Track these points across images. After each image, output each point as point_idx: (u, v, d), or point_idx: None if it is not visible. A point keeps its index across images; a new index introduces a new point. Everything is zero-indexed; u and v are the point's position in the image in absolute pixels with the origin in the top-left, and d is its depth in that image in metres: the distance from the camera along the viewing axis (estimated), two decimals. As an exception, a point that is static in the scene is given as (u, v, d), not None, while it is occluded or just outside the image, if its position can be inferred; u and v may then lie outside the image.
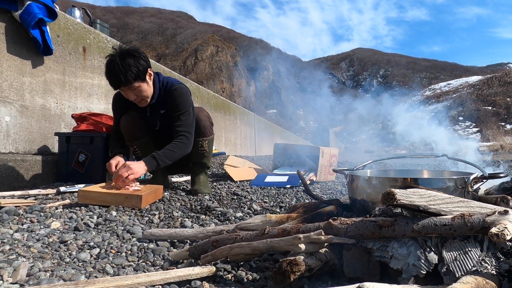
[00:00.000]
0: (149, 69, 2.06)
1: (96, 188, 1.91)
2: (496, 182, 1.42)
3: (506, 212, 0.88)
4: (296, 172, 2.84)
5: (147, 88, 2.08)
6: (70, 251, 1.25)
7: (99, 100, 3.37)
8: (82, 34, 3.16)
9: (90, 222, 1.56)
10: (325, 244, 1.01)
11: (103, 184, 2.01)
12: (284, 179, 2.95)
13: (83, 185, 2.23)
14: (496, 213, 0.89)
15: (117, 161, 2.00)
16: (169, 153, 2.06)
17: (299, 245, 0.95)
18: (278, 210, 2.10)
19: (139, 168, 1.94)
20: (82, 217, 1.63)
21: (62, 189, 2.13)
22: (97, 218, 1.64)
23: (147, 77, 2.06)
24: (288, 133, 16.70)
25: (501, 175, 1.14)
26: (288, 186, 2.81)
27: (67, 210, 1.75)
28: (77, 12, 3.84)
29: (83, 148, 2.54)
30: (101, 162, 2.50)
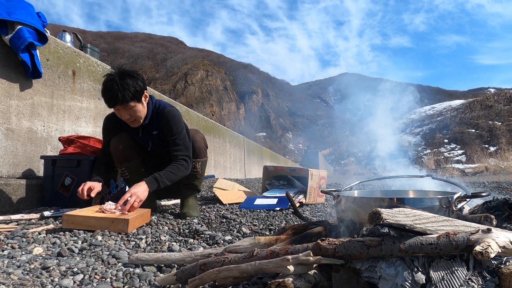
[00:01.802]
0: (145, 91, 2.10)
1: (81, 212, 1.87)
2: (480, 201, 1.44)
3: (489, 231, 0.90)
4: (285, 195, 2.84)
5: (142, 109, 2.10)
6: (52, 278, 1.21)
7: (87, 123, 3.35)
8: (72, 58, 3.18)
9: (74, 247, 1.52)
10: (314, 265, 1.00)
11: (89, 208, 1.97)
12: (274, 201, 2.94)
13: (69, 209, 2.18)
14: (480, 231, 0.90)
15: (87, 186, 2.00)
16: (170, 175, 2.08)
17: (288, 266, 0.94)
18: (268, 233, 2.08)
19: (142, 191, 1.95)
20: (66, 242, 1.59)
21: (46, 213, 2.08)
22: (82, 243, 1.60)
23: (143, 98, 2.10)
24: (278, 156, 16.76)
25: (483, 194, 1.17)
26: (278, 208, 2.80)
27: (50, 235, 1.70)
28: (68, 37, 3.88)
29: (69, 171, 2.50)
30: (87, 186, 2.45)
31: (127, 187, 2.36)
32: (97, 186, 2.04)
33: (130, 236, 1.77)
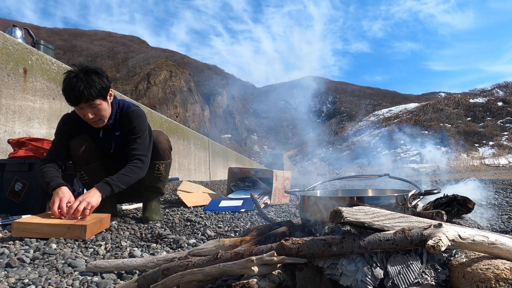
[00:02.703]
0: (110, 89, 2.01)
1: (33, 219, 1.75)
2: (432, 198, 1.54)
3: (440, 225, 0.95)
4: (250, 196, 2.85)
5: (107, 107, 2.01)
6: (-1, 291, 1.12)
7: (40, 124, 3.15)
8: (23, 54, 2.98)
9: (25, 257, 1.42)
10: (278, 265, 1.01)
11: (42, 214, 1.85)
12: (239, 203, 2.94)
13: (19, 216, 2.03)
14: (432, 226, 0.96)
15: (66, 197, 1.78)
16: (123, 177, 1.94)
17: (252, 267, 0.95)
18: (233, 235, 2.07)
19: (95, 198, 1.80)
20: (16, 251, 1.48)
21: (-7, 221, 1.93)
22: (34, 252, 1.50)
23: (108, 97, 2.01)
24: (243, 158, 16.79)
25: (435, 191, 1.24)
26: (243, 210, 2.80)
27: (-2, 245, 1.57)
28: (19, 32, 3.64)
29: (20, 176, 2.33)
30: (40, 191, 2.30)
31: (85, 191, 2.24)
32: (72, 198, 1.82)
33: (88, 243, 1.69)
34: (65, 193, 1.80)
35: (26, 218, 1.78)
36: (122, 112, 2.13)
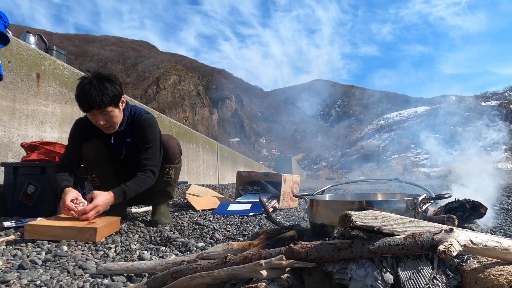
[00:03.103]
0: (122, 96, 2.04)
1: (45, 221, 1.78)
2: (443, 203, 1.52)
3: (451, 230, 0.94)
4: (258, 200, 2.84)
5: (118, 114, 2.04)
6: (12, 292, 1.14)
7: (52, 128, 3.21)
8: (36, 60, 3.05)
9: (37, 259, 1.44)
10: (287, 269, 1.01)
11: (54, 217, 1.88)
12: (247, 207, 2.93)
13: (31, 219, 2.06)
14: (443, 231, 0.95)
15: (72, 195, 1.86)
16: (137, 187, 2.03)
17: (261, 271, 0.94)
18: (241, 239, 2.07)
19: (105, 204, 1.89)
20: (28, 253, 1.50)
21: (7, 224, 1.96)
22: (46, 254, 1.52)
23: (120, 104, 2.04)
24: (251, 161, 16.79)
25: (446, 195, 1.22)
26: (251, 214, 2.80)
27: (11, 247, 1.60)
28: (32, 38, 3.72)
29: (32, 179, 2.38)
30: (52, 194, 2.34)
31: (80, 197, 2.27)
32: (79, 195, 1.91)
33: (98, 245, 1.71)
34: (71, 191, 1.89)
35: (38, 220, 1.81)
36: (134, 119, 2.15)
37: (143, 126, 2.12)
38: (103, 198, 1.88)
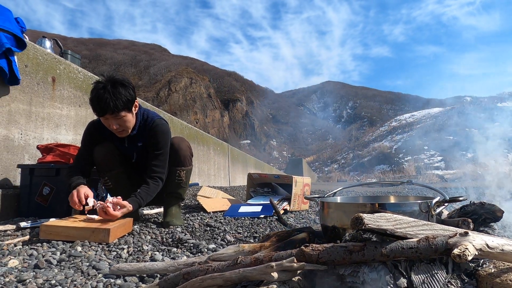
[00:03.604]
0: (136, 100, 2.06)
1: (60, 222, 1.81)
2: (458, 205, 1.49)
3: (466, 234, 0.92)
4: (269, 202, 2.84)
5: (131, 118, 2.07)
6: (28, 291, 1.16)
7: (67, 131, 3.28)
8: (52, 64, 3.12)
9: (52, 259, 1.47)
10: (298, 271, 1.00)
11: (69, 218, 1.92)
12: (258, 209, 2.93)
13: (47, 219, 2.11)
14: (458, 234, 0.93)
15: (84, 191, 1.91)
16: (147, 196, 2.08)
17: (272, 273, 0.94)
18: (252, 241, 2.07)
19: (122, 212, 1.93)
20: (44, 253, 1.54)
21: (23, 224, 2.01)
22: (60, 254, 1.55)
23: (133, 108, 2.07)
24: (262, 163, 16.78)
25: (460, 198, 1.20)
26: (262, 216, 2.79)
27: (27, 246, 1.64)
28: (48, 43, 3.80)
29: (48, 180, 2.43)
30: (66, 195, 2.38)
31: (109, 196, 2.30)
32: (90, 192, 1.96)
33: (111, 246, 1.73)
34: (83, 187, 1.93)
35: (53, 221, 1.84)
36: (146, 124, 2.17)
37: (155, 132, 2.15)
38: (123, 207, 1.93)
